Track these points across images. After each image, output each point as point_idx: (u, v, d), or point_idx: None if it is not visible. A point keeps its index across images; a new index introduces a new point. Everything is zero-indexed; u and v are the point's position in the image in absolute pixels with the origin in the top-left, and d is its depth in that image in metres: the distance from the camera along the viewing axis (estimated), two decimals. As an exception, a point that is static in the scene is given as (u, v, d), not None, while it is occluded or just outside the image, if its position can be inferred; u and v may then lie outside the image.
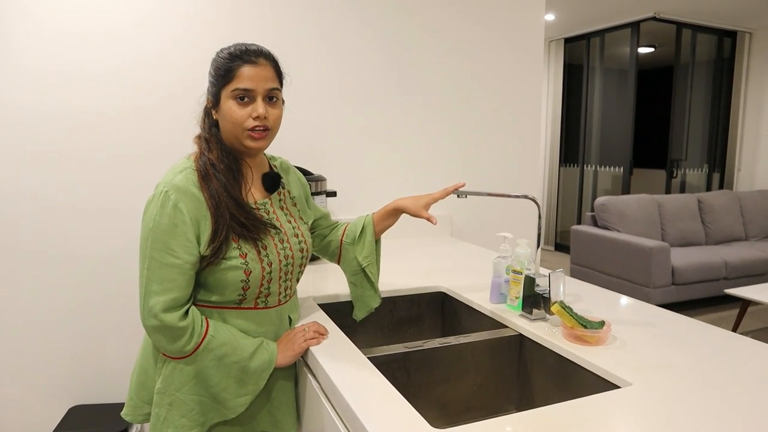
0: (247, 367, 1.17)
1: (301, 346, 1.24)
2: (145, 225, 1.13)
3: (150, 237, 1.11)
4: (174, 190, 1.12)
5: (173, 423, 1.17)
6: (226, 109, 1.18)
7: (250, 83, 1.17)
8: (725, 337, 1.27)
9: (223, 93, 1.18)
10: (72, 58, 1.99)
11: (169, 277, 1.11)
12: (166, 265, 1.10)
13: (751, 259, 4.78)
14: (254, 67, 1.17)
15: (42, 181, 1.99)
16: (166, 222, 1.11)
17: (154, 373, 1.21)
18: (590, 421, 0.88)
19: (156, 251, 1.10)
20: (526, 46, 2.77)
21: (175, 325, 1.10)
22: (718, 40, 6.21)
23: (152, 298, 1.10)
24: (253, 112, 1.18)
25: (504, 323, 1.42)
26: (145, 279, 1.11)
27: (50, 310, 2.05)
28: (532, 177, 2.88)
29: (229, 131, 1.20)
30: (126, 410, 1.26)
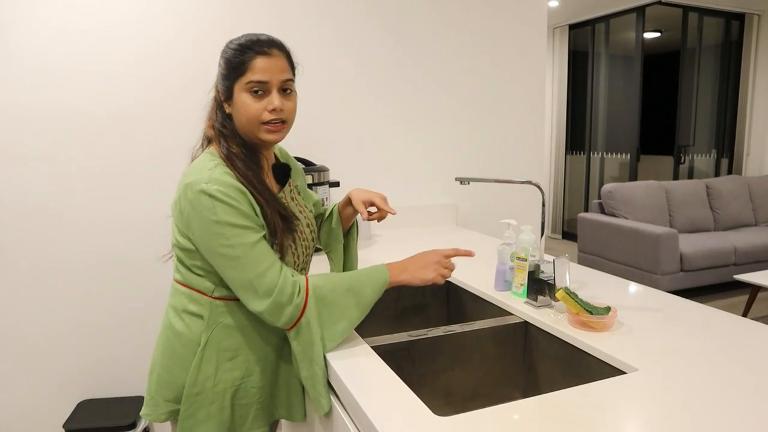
0: (361, 292, 1.17)
1: (433, 278, 1.23)
2: (203, 225, 1.08)
3: (218, 231, 1.07)
4: (217, 184, 1.08)
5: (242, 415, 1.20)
6: (240, 102, 1.15)
7: (264, 75, 1.14)
8: (733, 321, 1.25)
9: (236, 86, 1.15)
10: (68, 55, 1.98)
11: (263, 250, 1.10)
12: (253, 244, 1.09)
13: (760, 244, 4.74)
14: (267, 58, 1.14)
15: (45, 178, 2.00)
16: (225, 210, 1.07)
17: (183, 371, 1.19)
18: (596, 406, 0.87)
19: (235, 238, 1.07)
20: (529, 34, 2.74)
21: (292, 281, 1.11)
22: (725, 23, 6.12)
23: (267, 276, 1.08)
24: (268, 105, 1.15)
25: (509, 310, 1.41)
26: (243, 269, 1.08)
27: (59, 306, 2.06)
28: (537, 164, 2.86)
29: (245, 125, 1.17)
30: (147, 410, 1.24)
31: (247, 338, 1.20)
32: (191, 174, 1.11)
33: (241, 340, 1.20)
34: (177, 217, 1.15)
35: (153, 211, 2.13)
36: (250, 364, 1.21)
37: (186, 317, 1.19)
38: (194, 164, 1.15)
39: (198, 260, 1.15)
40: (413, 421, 0.84)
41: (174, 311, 1.21)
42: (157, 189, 2.13)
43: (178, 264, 1.21)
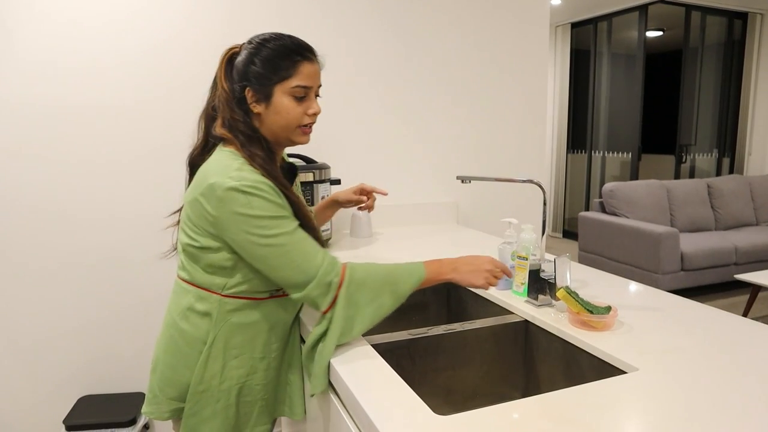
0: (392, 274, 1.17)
1: (482, 285, 1.24)
2: (239, 221, 1.07)
3: (258, 224, 1.07)
4: (248, 180, 1.08)
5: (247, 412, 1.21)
6: (279, 105, 1.16)
7: (309, 80, 1.17)
8: (733, 321, 1.25)
9: (277, 88, 1.15)
10: (65, 51, 1.98)
11: (303, 236, 1.12)
12: (293, 231, 1.11)
13: (761, 244, 4.73)
14: (312, 64, 1.18)
15: (44, 175, 1.99)
16: (261, 203, 1.08)
17: (188, 369, 1.19)
18: (596, 406, 0.87)
19: (276, 229, 1.08)
20: (531, 32, 2.73)
21: (333, 263, 1.13)
22: (728, 22, 6.11)
23: (313, 260, 1.10)
24: (308, 109, 1.19)
25: (510, 309, 1.41)
26: (289, 257, 1.09)
27: (59, 302, 2.06)
28: (539, 163, 2.85)
29: (281, 127, 1.18)
30: (149, 408, 1.23)
31: (253, 336, 1.21)
32: (215, 173, 1.09)
33: (248, 338, 1.20)
34: (195, 217, 1.13)
35: (152, 208, 2.13)
36: (255, 362, 1.22)
37: (192, 315, 1.18)
38: (214, 163, 1.12)
39: (213, 258, 1.14)
40: (413, 419, 0.84)
41: (178, 309, 1.20)
42: (156, 186, 2.13)
43: (185, 262, 1.20)
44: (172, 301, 1.24)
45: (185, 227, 1.18)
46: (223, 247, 1.13)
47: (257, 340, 1.22)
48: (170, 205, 2.13)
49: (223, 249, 1.13)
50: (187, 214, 1.17)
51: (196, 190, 1.12)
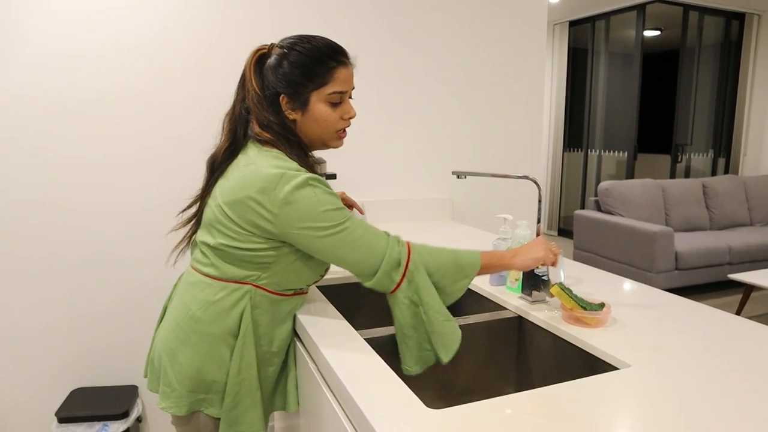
0: (457, 255, 1.19)
1: (544, 256, 1.24)
2: (309, 217, 1.07)
3: (329, 217, 1.08)
4: (308, 177, 1.08)
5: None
6: (318, 111, 1.16)
7: (345, 86, 1.17)
8: (726, 319, 1.26)
9: (314, 95, 1.15)
10: (59, 42, 1.97)
11: (362, 222, 1.14)
12: (359, 222, 1.13)
13: (755, 244, 4.76)
14: (347, 68, 1.18)
15: (37, 168, 1.98)
16: (328, 198, 1.09)
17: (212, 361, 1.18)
18: (588, 402, 0.87)
19: (347, 221, 1.11)
20: (529, 30, 2.73)
21: (401, 239, 1.16)
22: (725, 23, 6.12)
23: (381, 240, 1.13)
24: (344, 113, 1.19)
25: (504, 305, 1.41)
26: (361, 243, 1.11)
27: (52, 294, 2.05)
28: (535, 160, 2.86)
29: (317, 133, 1.19)
30: (167, 403, 1.20)
31: (272, 330, 1.23)
32: (271, 176, 1.07)
33: (269, 331, 1.22)
34: (239, 218, 1.11)
35: (148, 201, 2.13)
36: (272, 356, 1.25)
37: (218, 309, 1.16)
38: (263, 166, 1.09)
39: (252, 256, 1.13)
40: (406, 413, 0.84)
41: (199, 304, 1.18)
42: (151, 180, 2.12)
43: (213, 258, 1.17)
44: (188, 294, 1.20)
45: (218, 229, 1.15)
46: (270, 247, 1.13)
47: (275, 334, 1.24)
48: (165, 198, 2.13)
49: (270, 248, 1.13)
50: (224, 216, 1.13)
51: (244, 190, 1.09)
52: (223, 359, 1.18)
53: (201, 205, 1.25)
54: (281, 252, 1.14)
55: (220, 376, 1.19)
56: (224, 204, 1.13)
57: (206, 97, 2.15)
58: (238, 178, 1.11)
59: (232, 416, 1.19)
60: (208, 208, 1.19)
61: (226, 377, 1.19)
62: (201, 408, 1.20)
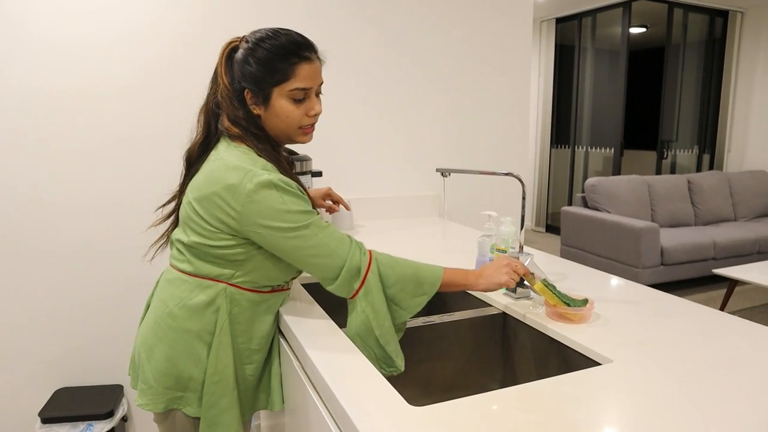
0: (418, 271, 1.19)
1: (506, 282, 1.22)
2: (271, 217, 1.07)
3: (291, 219, 1.08)
4: (279, 176, 1.09)
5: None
6: (279, 107, 1.14)
7: (308, 82, 1.14)
8: (708, 314, 1.27)
9: (275, 91, 1.13)
10: (45, 35, 1.94)
11: (327, 225, 1.13)
12: (324, 226, 1.12)
13: (739, 239, 4.81)
14: (311, 64, 1.15)
15: (20, 160, 1.96)
16: (293, 199, 1.09)
17: (188, 359, 1.17)
18: (571, 397, 0.88)
19: (311, 225, 1.10)
20: (515, 26, 2.73)
21: (363, 246, 1.17)
22: (709, 20, 6.17)
23: (344, 245, 1.13)
24: (309, 110, 1.17)
25: (488, 302, 1.41)
26: (321, 249, 1.11)
27: (35, 291, 2.03)
28: (521, 157, 2.87)
29: (282, 129, 1.17)
30: (144, 399, 1.20)
31: (251, 327, 1.22)
32: (236, 171, 1.07)
33: (246, 328, 1.21)
34: (207, 215, 1.11)
35: (131, 196, 2.11)
36: (251, 353, 1.24)
37: (194, 306, 1.16)
38: (231, 161, 1.10)
39: (224, 253, 1.13)
40: (387, 410, 0.84)
41: (176, 301, 1.17)
42: (135, 176, 2.10)
43: (188, 256, 1.17)
44: (166, 291, 1.20)
45: (191, 226, 1.15)
46: (238, 244, 1.12)
47: (255, 332, 1.22)
48: (149, 194, 2.11)
49: (238, 245, 1.12)
50: (194, 212, 1.13)
51: (211, 186, 1.09)
52: (199, 357, 1.18)
53: (178, 201, 1.25)
54: (251, 249, 1.14)
55: (197, 375, 1.18)
56: (194, 200, 1.13)
57: (190, 91, 2.13)
58: (206, 174, 1.12)
59: (210, 416, 1.18)
60: (182, 205, 1.20)
61: (203, 376, 1.18)
62: (178, 406, 1.20)
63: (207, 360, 1.18)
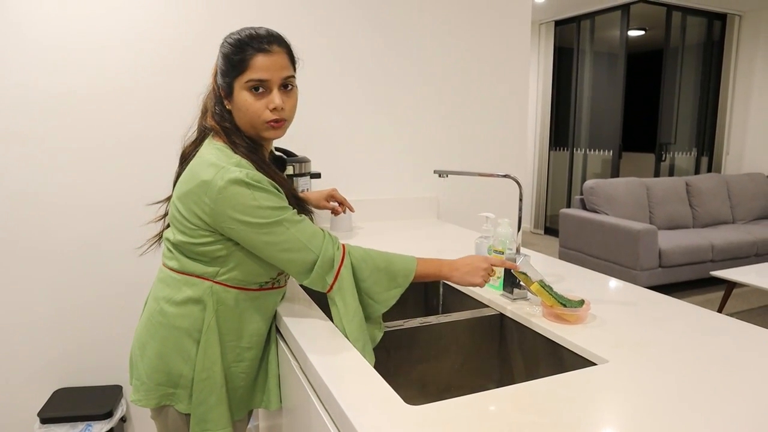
0: (391, 263, 1.21)
1: (479, 283, 1.25)
2: (243, 212, 1.08)
3: (262, 215, 1.09)
4: (251, 172, 1.09)
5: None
6: (240, 100, 1.15)
7: (264, 73, 1.13)
8: (704, 315, 1.28)
9: (236, 84, 1.14)
10: (43, 35, 1.95)
11: (301, 220, 1.14)
12: (298, 221, 1.13)
13: (737, 241, 4.82)
14: (268, 55, 1.13)
15: (20, 160, 1.97)
16: (264, 195, 1.09)
17: (178, 356, 1.19)
18: (567, 397, 0.89)
19: (281, 219, 1.11)
20: (513, 29, 2.75)
21: (336, 239, 1.18)
22: (708, 23, 6.19)
23: (317, 239, 1.13)
24: (269, 103, 1.15)
25: (485, 303, 1.42)
26: (293, 244, 1.11)
27: (34, 292, 2.04)
28: (520, 159, 2.88)
29: (246, 123, 1.17)
30: (137, 396, 1.22)
31: (241, 325, 1.23)
32: (210, 167, 1.09)
33: (236, 326, 1.22)
34: (187, 211, 1.13)
35: (130, 196, 2.11)
36: (242, 351, 1.24)
37: (182, 303, 1.18)
38: (207, 158, 1.12)
39: (206, 250, 1.15)
40: (385, 410, 0.85)
41: (166, 297, 1.20)
42: (133, 177, 2.11)
43: (175, 254, 1.19)
44: (158, 289, 1.23)
45: (176, 225, 1.17)
46: (216, 240, 1.14)
47: (245, 330, 1.23)
48: (148, 194, 2.12)
49: (217, 242, 1.14)
50: (177, 212, 1.15)
51: (189, 183, 1.12)
52: (188, 354, 1.19)
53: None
54: (230, 245, 1.15)
55: (187, 371, 1.20)
56: (176, 199, 1.16)
57: (188, 93, 2.14)
58: (186, 172, 1.15)
59: (199, 413, 1.20)
60: (170, 204, 1.23)
61: (192, 373, 1.20)
62: (170, 402, 1.22)
63: (195, 357, 1.19)
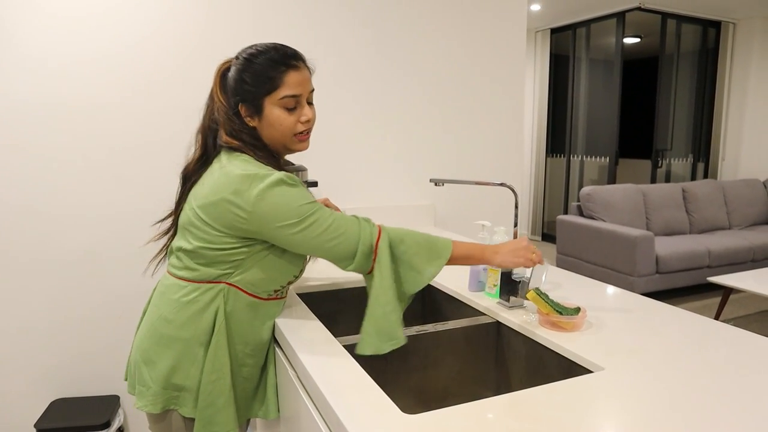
0: (430, 238, 1.23)
1: (524, 262, 1.26)
2: (285, 214, 1.11)
3: (306, 211, 1.12)
4: (280, 176, 1.12)
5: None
6: (272, 116, 1.18)
7: (297, 89, 1.18)
8: (700, 322, 1.28)
9: (267, 101, 1.17)
10: (42, 46, 1.96)
11: (335, 214, 1.16)
12: (331, 212, 1.15)
13: (734, 247, 4.83)
14: (298, 72, 1.19)
15: (19, 170, 1.97)
16: (303, 194, 1.13)
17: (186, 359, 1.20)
18: (563, 405, 0.89)
19: (321, 211, 1.14)
20: (509, 36, 2.76)
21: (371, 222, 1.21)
22: (702, 30, 6.23)
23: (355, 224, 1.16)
24: (301, 117, 1.21)
25: (482, 311, 1.43)
26: (336, 232, 1.14)
27: (32, 301, 2.03)
28: (516, 166, 2.89)
29: (278, 138, 1.21)
30: (143, 402, 1.23)
31: (247, 331, 1.24)
32: (246, 178, 1.11)
33: (243, 331, 1.24)
34: (213, 219, 1.14)
35: (129, 206, 2.12)
36: (245, 357, 1.26)
37: (190, 312, 1.19)
38: (236, 169, 1.14)
39: (225, 255, 1.16)
40: (381, 419, 0.85)
41: (172, 305, 1.21)
42: (131, 187, 2.12)
43: (187, 261, 1.20)
44: (163, 296, 1.23)
45: (192, 232, 1.18)
46: (242, 245, 1.16)
47: (250, 337, 1.25)
48: (147, 204, 2.12)
49: (243, 246, 1.16)
50: (198, 219, 1.16)
51: (218, 193, 1.13)
52: (196, 358, 1.20)
53: (176, 216, 1.29)
54: (253, 249, 1.17)
55: (193, 374, 1.20)
56: (198, 208, 1.17)
57: (187, 103, 2.15)
58: (212, 183, 1.16)
59: (206, 415, 1.20)
60: (183, 213, 1.23)
61: (199, 375, 1.20)
62: (174, 406, 1.22)
63: (204, 360, 1.20)
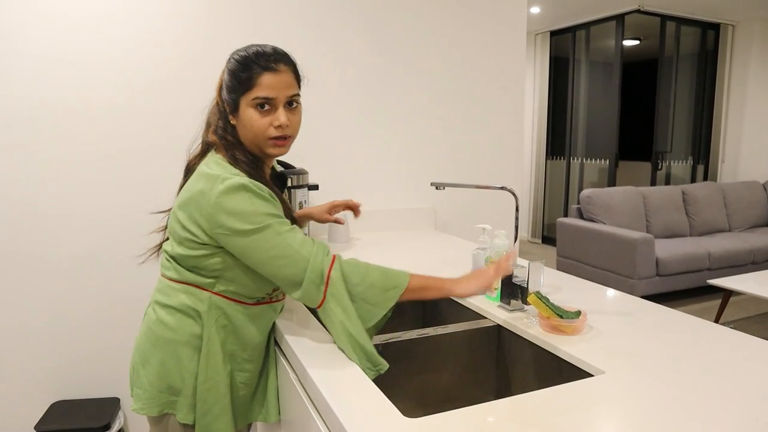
0: (385, 269, 1.19)
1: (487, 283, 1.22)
2: (233, 214, 1.08)
3: (253, 220, 1.08)
4: (247, 181, 1.10)
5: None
6: (246, 117, 1.16)
7: (270, 92, 1.14)
8: (700, 325, 1.29)
9: (242, 101, 1.15)
10: (45, 46, 1.96)
11: (293, 229, 1.13)
12: (288, 228, 1.12)
13: (734, 249, 4.84)
14: (274, 74, 1.14)
15: (20, 171, 1.97)
16: (261, 201, 1.10)
17: (178, 364, 1.19)
18: (563, 408, 0.89)
19: (267, 223, 1.09)
20: (509, 39, 2.77)
21: (327, 247, 1.15)
22: (701, 33, 6.24)
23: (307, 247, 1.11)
24: (274, 121, 1.16)
25: (483, 314, 1.43)
26: (285, 248, 1.09)
27: (32, 303, 2.04)
28: (516, 169, 2.89)
29: (251, 139, 1.18)
30: (139, 404, 1.23)
31: (241, 336, 1.23)
32: (208, 178, 1.11)
33: (236, 337, 1.22)
34: (186, 220, 1.14)
35: (131, 207, 2.12)
36: (243, 362, 1.25)
37: (179, 312, 1.19)
38: (206, 170, 1.13)
39: (204, 263, 1.15)
40: (382, 422, 0.85)
41: (165, 308, 1.20)
42: (133, 186, 2.12)
43: (173, 263, 1.20)
44: (158, 299, 1.24)
45: (174, 237, 1.18)
46: (214, 254, 1.15)
47: (245, 342, 1.24)
48: (149, 206, 2.13)
49: (215, 254, 1.15)
50: (177, 222, 1.16)
51: (187, 193, 1.14)
52: (189, 362, 1.20)
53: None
54: (226, 259, 1.15)
55: (188, 379, 1.20)
56: (177, 208, 1.18)
57: (189, 104, 2.15)
58: (187, 183, 1.17)
59: (204, 423, 1.20)
60: (170, 214, 1.24)
61: (194, 381, 1.20)
62: (171, 410, 1.22)
63: (197, 366, 1.20)
